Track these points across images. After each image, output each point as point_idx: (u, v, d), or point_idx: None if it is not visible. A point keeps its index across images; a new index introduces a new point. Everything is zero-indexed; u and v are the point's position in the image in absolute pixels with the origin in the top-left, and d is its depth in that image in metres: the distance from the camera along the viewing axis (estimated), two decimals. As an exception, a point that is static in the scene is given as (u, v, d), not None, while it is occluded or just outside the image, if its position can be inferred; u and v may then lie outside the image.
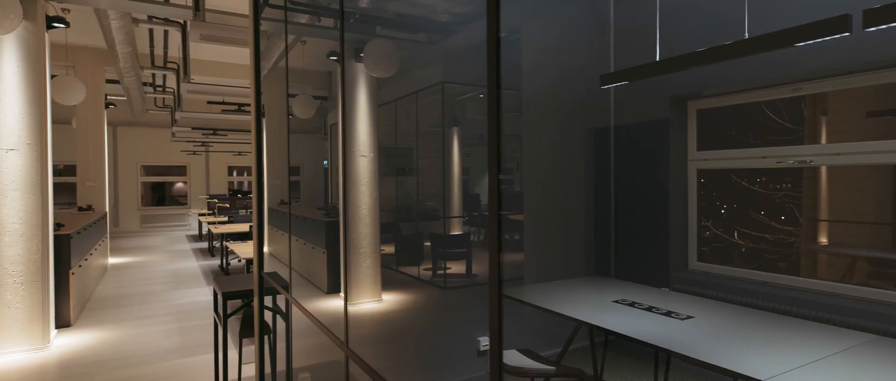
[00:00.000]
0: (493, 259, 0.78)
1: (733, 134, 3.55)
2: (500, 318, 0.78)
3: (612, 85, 2.54)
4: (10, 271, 3.86)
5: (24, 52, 3.89)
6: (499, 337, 0.78)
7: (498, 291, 0.77)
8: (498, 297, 0.77)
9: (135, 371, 3.56)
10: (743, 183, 3.56)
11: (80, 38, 7.30)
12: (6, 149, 3.84)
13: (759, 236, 3.48)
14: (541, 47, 4.46)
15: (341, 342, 1.43)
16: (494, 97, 0.77)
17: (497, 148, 0.77)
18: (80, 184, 7.77)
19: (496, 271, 0.77)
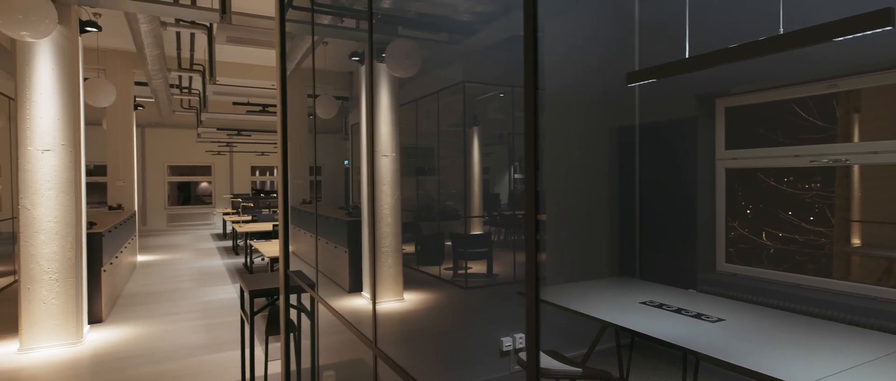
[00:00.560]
0: (531, 263, 0.77)
1: (761, 132, 3.46)
2: (538, 323, 0.77)
3: (640, 83, 2.50)
4: (46, 268, 3.98)
5: (58, 55, 4.01)
6: (536, 342, 0.76)
7: (535, 295, 0.76)
8: (535, 302, 0.76)
9: (164, 367, 3.65)
10: (770, 182, 3.47)
11: (110, 41, 7.50)
12: (42, 150, 3.96)
13: (789, 237, 3.39)
14: (563, 45, 4.41)
15: (370, 341, 1.43)
16: (531, 97, 0.77)
17: (534, 149, 0.76)
18: (111, 183, 7.99)
19: (534, 276, 0.76)
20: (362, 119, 5.58)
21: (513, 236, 8.70)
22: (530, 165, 0.77)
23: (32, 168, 3.93)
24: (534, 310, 0.77)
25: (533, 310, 0.77)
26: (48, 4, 3.56)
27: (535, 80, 0.76)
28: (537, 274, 0.76)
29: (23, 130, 3.92)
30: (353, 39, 5.16)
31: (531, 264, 0.77)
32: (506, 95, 7.27)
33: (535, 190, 0.75)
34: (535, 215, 0.76)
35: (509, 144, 8.57)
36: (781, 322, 2.11)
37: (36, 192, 3.94)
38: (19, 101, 3.93)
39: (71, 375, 3.50)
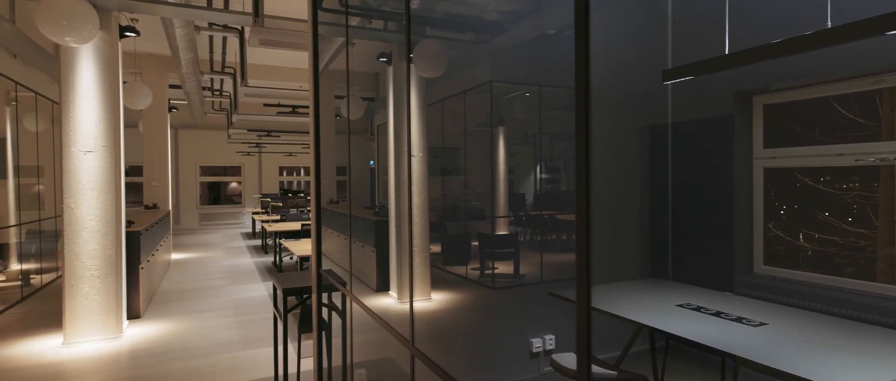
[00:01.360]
0: (582, 271, 0.75)
1: (797, 130, 3.35)
2: (589, 332, 0.75)
3: (676, 80, 2.44)
4: (88, 264, 4.13)
5: (99, 60, 4.15)
6: (587, 353, 0.75)
7: (587, 304, 0.75)
8: (587, 311, 0.74)
9: (199, 362, 3.74)
10: (807, 182, 3.35)
11: (145, 46, 7.74)
12: (84, 151, 4.11)
13: (828, 238, 3.27)
14: (593, 43, 4.35)
15: (407, 341, 1.44)
16: (583, 94, 0.75)
17: (586, 151, 0.75)
18: (146, 183, 8.24)
19: (585, 285, 0.75)
20: (390, 118, 5.62)
21: (539, 237, 8.63)
22: (581, 171, 0.75)
23: (75, 169, 4.08)
24: (585, 319, 0.75)
25: (585, 319, 0.75)
26: (91, 11, 3.70)
27: (587, 81, 0.74)
28: (588, 282, 0.75)
29: (66, 132, 4.07)
30: (382, 40, 5.20)
31: (582, 271, 0.75)
32: (531, 95, 7.21)
33: (587, 196, 0.74)
34: (588, 222, 0.75)
35: (535, 144, 8.50)
36: (827, 327, 2.03)
37: (79, 191, 4.09)
38: (63, 104, 4.08)
39: (111, 369, 3.62)
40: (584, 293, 0.74)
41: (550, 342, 3.46)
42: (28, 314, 5.08)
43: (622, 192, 4.12)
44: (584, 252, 0.74)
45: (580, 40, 0.75)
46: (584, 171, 0.75)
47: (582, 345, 0.76)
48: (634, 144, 4.07)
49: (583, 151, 0.75)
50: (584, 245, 0.75)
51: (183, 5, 4.13)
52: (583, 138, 0.75)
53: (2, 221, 5.35)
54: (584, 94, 0.75)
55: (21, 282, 5.80)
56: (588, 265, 0.74)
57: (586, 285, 0.74)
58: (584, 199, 0.75)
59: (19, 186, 5.90)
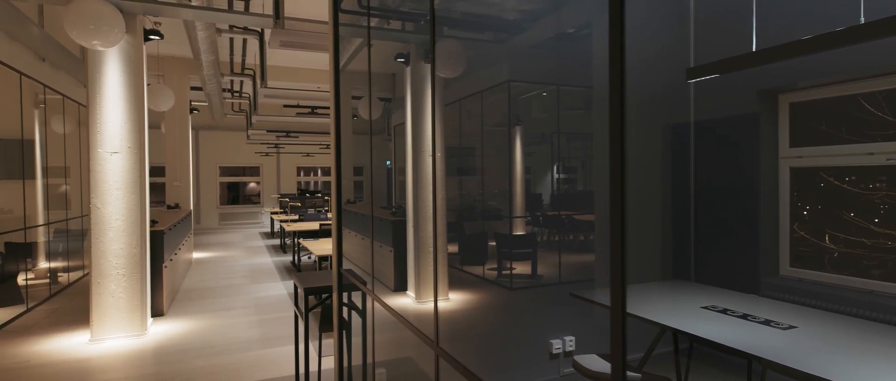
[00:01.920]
0: (616, 277, 0.74)
1: (822, 129, 3.27)
2: (624, 340, 0.74)
3: (701, 79, 2.40)
4: (114, 263, 4.22)
5: (125, 63, 4.24)
6: (622, 359, 0.73)
7: (621, 307, 0.74)
8: (621, 316, 0.73)
9: (222, 359, 3.80)
10: (832, 182, 3.27)
11: (168, 48, 7.89)
12: (110, 152, 4.20)
13: (855, 239, 3.18)
14: (613, 42, 4.30)
15: (432, 341, 1.44)
16: (618, 92, 0.74)
17: (621, 153, 0.74)
18: (169, 184, 8.40)
19: (620, 291, 0.74)
20: (407, 118, 5.63)
21: (557, 237, 8.58)
22: (616, 173, 0.75)
23: (102, 169, 4.18)
24: (620, 323, 0.74)
25: (619, 323, 0.74)
26: (117, 15, 3.78)
27: (621, 79, 0.74)
28: (623, 287, 0.74)
29: (93, 133, 4.17)
30: (403, 41, 5.22)
31: (617, 275, 0.74)
32: (549, 94, 7.17)
33: (622, 199, 0.73)
34: (622, 224, 0.74)
35: (552, 144, 8.45)
36: (859, 330, 1.98)
37: (105, 191, 4.18)
38: (90, 106, 4.18)
39: (137, 365, 3.69)
40: (618, 297, 0.73)
41: (570, 344, 3.43)
42: (56, 311, 5.22)
43: (643, 192, 4.07)
44: (619, 255, 0.73)
45: (614, 41, 0.74)
46: (619, 173, 0.74)
47: (617, 351, 0.75)
48: (656, 143, 4.02)
49: (617, 151, 0.74)
50: (618, 248, 0.74)
51: (205, 8, 4.20)
52: (618, 139, 0.74)
53: (30, 220, 5.49)
54: (619, 95, 0.74)
55: (49, 280, 5.95)
56: (622, 269, 0.73)
57: (621, 288, 0.73)
58: (619, 201, 0.74)
59: (47, 186, 6.05)
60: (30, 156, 5.65)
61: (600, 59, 4.40)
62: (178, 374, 3.51)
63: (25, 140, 5.45)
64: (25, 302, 5.23)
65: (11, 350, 4.02)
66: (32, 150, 5.72)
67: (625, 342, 0.74)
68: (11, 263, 5.11)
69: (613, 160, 0.75)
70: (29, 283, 5.45)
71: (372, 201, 3.73)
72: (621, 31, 0.73)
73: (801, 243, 3.36)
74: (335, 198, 2.84)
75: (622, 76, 0.73)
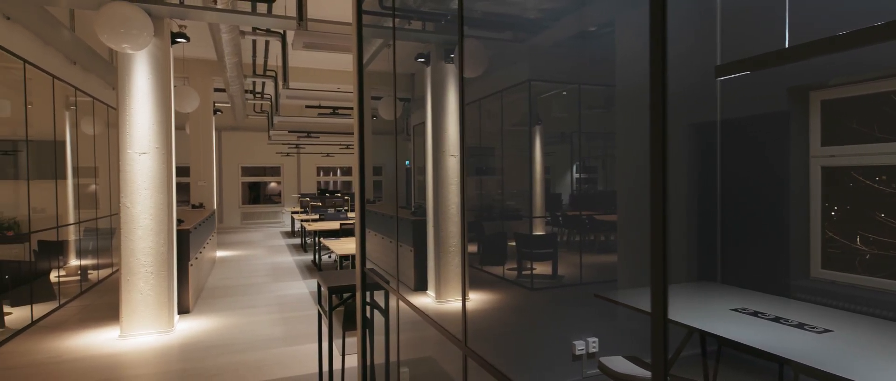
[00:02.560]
0: (658, 284, 0.73)
1: (853, 127, 3.17)
2: (666, 348, 0.72)
3: (731, 76, 2.35)
4: (143, 261, 4.32)
5: (153, 66, 4.34)
6: (664, 368, 0.72)
7: (663, 316, 0.72)
8: (663, 322, 0.72)
9: (247, 356, 3.85)
10: (863, 181, 3.17)
11: (192, 51, 8.04)
12: (139, 152, 4.30)
13: (888, 241, 3.08)
14: (636, 39, 4.25)
15: (459, 341, 1.44)
16: (660, 91, 0.73)
17: (662, 154, 0.73)
18: (193, 184, 8.56)
19: (662, 296, 0.72)
20: (428, 118, 5.64)
21: (577, 237, 8.50)
22: (657, 176, 0.73)
23: (131, 169, 4.28)
24: (661, 331, 0.73)
25: (661, 331, 0.73)
26: (146, 18, 3.86)
27: (663, 77, 0.72)
28: (665, 294, 0.72)
29: (123, 134, 4.27)
30: (426, 41, 5.23)
31: (658, 280, 0.73)
32: (569, 93, 7.11)
33: (663, 205, 0.71)
34: (664, 227, 0.72)
35: (572, 144, 8.37)
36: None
37: (134, 191, 4.28)
38: (120, 108, 4.28)
39: (164, 361, 3.77)
40: (660, 304, 0.72)
41: (594, 345, 3.40)
42: (86, 308, 5.36)
43: (669, 192, 4.00)
44: (661, 260, 0.72)
45: (656, 41, 0.73)
46: (661, 176, 0.73)
47: (658, 359, 0.73)
48: (681, 143, 3.95)
49: (659, 153, 0.73)
50: (660, 252, 0.72)
51: (230, 11, 4.27)
52: (659, 140, 0.73)
53: (62, 219, 5.66)
54: (661, 96, 0.73)
55: (79, 277, 6.12)
56: (664, 273, 0.71)
57: (663, 294, 0.71)
58: (660, 205, 0.73)
59: (78, 186, 6.23)
60: (61, 157, 5.81)
61: (624, 57, 4.35)
62: (205, 370, 3.58)
63: (57, 141, 5.62)
64: (58, 298, 5.39)
65: (45, 345, 4.14)
66: (64, 151, 5.89)
67: (666, 349, 0.72)
68: (44, 260, 5.27)
69: (654, 162, 0.73)
70: (61, 280, 5.61)
71: (397, 202, 3.74)
72: (663, 32, 0.72)
73: (829, 244, 3.27)
74: (359, 198, 2.85)
75: (664, 77, 0.71)
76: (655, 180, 0.73)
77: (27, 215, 4.77)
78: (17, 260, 4.79)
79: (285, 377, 3.49)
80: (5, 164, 4.83)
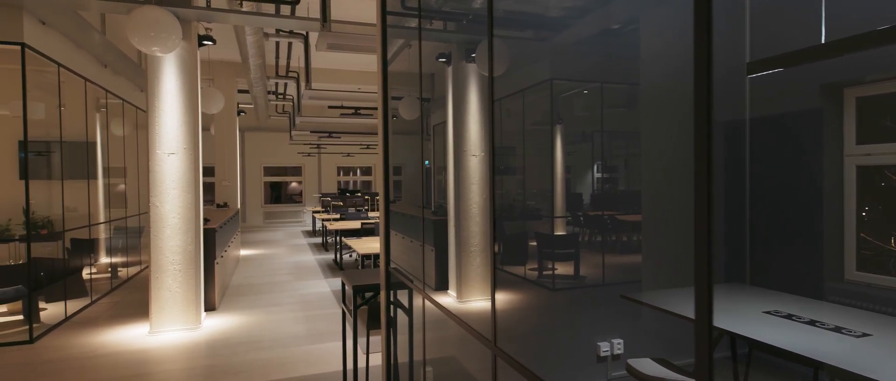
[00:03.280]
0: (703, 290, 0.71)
1: (887, 124, 3.07)
2: (711, 358, 0.71)
3: (763, 73, 2.30)
4: (171, 259, 4.42)
5: (181, 68, 4.43)
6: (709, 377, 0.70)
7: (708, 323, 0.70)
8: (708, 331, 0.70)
9: (271, 354, 3.91)
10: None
11: (217, 53, 8.19)
12: (168, 153, 4.40)
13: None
14: (662, 37, 4.18)
15: (489, 341, 1.43)
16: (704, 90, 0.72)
17: (708, 154, 0.71)
18: (218, 183, 8.72)
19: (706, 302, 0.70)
20: (449, 118, 5.65)
21: (599, 237, 8.41)
22: (702, 179, 0.72)
23: (160, 169, 4.38)
24: (706, 339, 0.71)
25: (705, 340, 0.71)
26: (175, 22, 3.95)
27: (708, 76, 0.71)
28: (710, 299, 0.70)
29: (152, 135, 4.37)
30: (452, 41, 5.24)
31: (703, 289, 0.71)
32: (591, 92, 7.03)
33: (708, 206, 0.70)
34: (710, 235, 0.71)
35: (593, 143, 8.28)
36: (943, 341, 1.84)
37: (163, 191, 4.38)
38: (149, 109, 4.39)
39: (192, 357, 3.85)
40: (704, 309, 0.70)
41: (619, 346, 3.36)
42: (116, 304, 5.51)
43: (692, 191, 3.93)
44: (705, 264, 0.70)
45: (700, 39, 0.72)
46: (705, 176, 0.71)
47: (702, 367, 0.71)
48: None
49: (704, 153, 0.72)
50: (704, 256, 0.71)
51: (255, 13, 4.33)
52: (704, 140, 0.71)
53: (93, 218, 5.82)
54: (706, 95, 0.71)
55: (110, 274, 6.29)
56: (709, 278, 0.70)
57: (708, 299, 0.69)
58: (705, 207, 0.71)
59: (108, 186, 6.40)
60: (92, 157, 5.98)
61: (648, 55, 4.28)
62: (232, 367, 3.64)
63: (89, 142, 5.78)
64: (90, 295, 5.55)
65: (79, 340, 4.27)
66: (95, 151, 6.06)
67: (711, 356, 0.71)
68: (77, 258, 5.43)
69: (699, 162, 0.72)
70: (92, 277, 5.77)
71: (423, 202, 3.76)
72: (708, 30, 0.71)
73: (861, 245, 3.17)
74: (383, 197, 2.87)
75: (709, 75, 0.70)
76: (700, 181, 0.71)
77: (61, 213, 4.92)
78: (51, 258, 4.95)
79: (310, 374, 3.53)
80: (39, 164, 4.99)
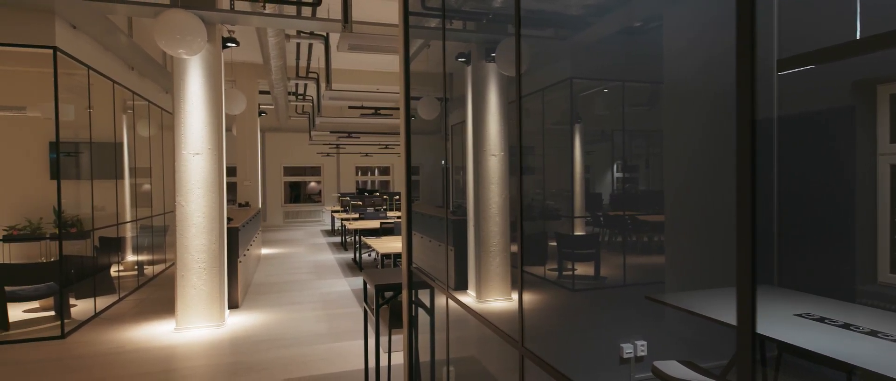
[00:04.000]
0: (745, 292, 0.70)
1: None
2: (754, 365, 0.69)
3: (795, 70, 2.25)
4: (196, 257, 4.50)
5: (205, 70, 4.51)
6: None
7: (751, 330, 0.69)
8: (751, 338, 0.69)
9: (294, 351, 3.96)
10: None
11: (239, 55, 8.32)
12: (193, 153, 4.48)
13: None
14: (685, 33, 4.12)
15: (516, 341, 1.43)
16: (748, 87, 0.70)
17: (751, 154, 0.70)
18: (239, 183, 8.86)
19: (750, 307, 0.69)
20: (468, 117, 5.64)
21: (619, 238, 8.31)
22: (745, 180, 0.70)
23: (185, 169, 4.46)
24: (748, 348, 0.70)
25: (748, 345, 0.70)
26: (200, 25, 4.02)
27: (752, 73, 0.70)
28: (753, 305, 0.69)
29: (178, 136, 4.46)
30: (471, 40, 5.24)
31: (746, 294, 0.70)
32: (610, 91, 6.96)
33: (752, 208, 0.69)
34: (753, 238, 0.69)
35: (613, 142, 8.19)
36: None
37: (188, 190, 4.47)
38: (175, 110, 4.48)
39: (217, 354, 3.92)
40: (747, 315, 0.69)
41: (642, 348, 3.31)
42: (143, 301, 5.63)
43: (717, 191, 3.86)
44: (748, 268, 0.69)
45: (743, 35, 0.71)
46: (748, 177, 0.70)
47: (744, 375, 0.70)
48: (731, 140, 3.80)
49: (747, 153, 0.70)
50: (747, 260, 0.70)
51: (278, 15, 4.39)
52: (747, 139, 0.70)
53: (120, 217, 5.96)
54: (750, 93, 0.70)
55: (136, 272, 6.44)
56: (753, 282, 0.68)
57: (751, 304, 0.68)
58: (748, 208, 0.70)
59: (135, 185, 6.55)
60: (119, 158, 6.12)
61: (671, 52, 4.22)
62: (256, 364, 3.70)
63: (116, 143, 5.92)
64: (118, 292, 5.68)
65: (108, 336, 4.38)
66: (121, 152, 6.21)
67: (754, 364, 0.69)
68: (105, 256, 5.56)
69: (741, 162, 0.71)
70: (120, 274, 5.91)
71: (446, 202, 3.76)
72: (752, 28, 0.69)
73: (895, 246, 3.08)
74: (405, 197, 2.88)
75: (753, 72, 0.69)
76: (743, 181, 0.70)
77: (90, 213, 5.05)
78: (81, 255, 5.08)
79: (332, 372, 3.56)
80: (68, 165, 5.13)
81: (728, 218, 3.58)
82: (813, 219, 3.38)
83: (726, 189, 3.82)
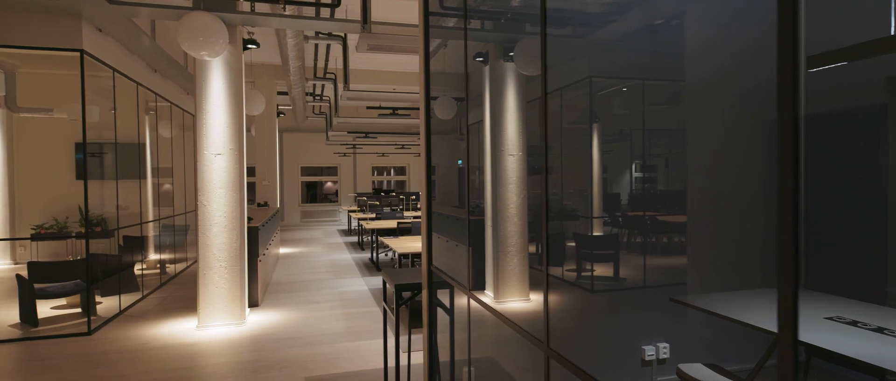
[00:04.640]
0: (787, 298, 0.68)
1: None
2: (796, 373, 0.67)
3: (827, 67, 2.19)
4: (218, 256, 4.56)
5: (227, 71, 4.57)
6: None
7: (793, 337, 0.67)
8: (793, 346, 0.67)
9: (314, 350, 3.99)
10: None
11: (258, 56, 8.42)
12: (214, 153, 4.55)
13: None
14: (708, 31, 4.04)
15: (541, 342, 1.42)
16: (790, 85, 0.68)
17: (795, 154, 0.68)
18: (258, 183, 8.96)
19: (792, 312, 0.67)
20: (486, 117, 5.63)
21: (639, 238, 8.21)
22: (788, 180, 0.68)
23: (207, 169, 4.53)
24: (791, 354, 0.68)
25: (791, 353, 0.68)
26: (222, 27, 4.08)
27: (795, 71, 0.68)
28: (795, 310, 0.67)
29: (200, 136, 4.53)
30: (492, 40, 5.24)
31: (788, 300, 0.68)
32: (630, 89, 6.88)
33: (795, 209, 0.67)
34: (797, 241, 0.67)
35: (631, 142, 8.09)
36: None
37: (210, 190, 4.53)
38: (197, 111, 4.54)
39: (238, 351, 3.97)
40: (789, 320, 0.67)
41: (664, 351, 3.27)
42: (165, 299, 5.73)
43: (741, 191, 3.79)
44: (791, 274, 0.67)
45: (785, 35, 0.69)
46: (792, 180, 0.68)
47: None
48: (756, 140, 3.73)
49: (790, 153, 0.68)
50: (790, 265, 0.68)
51: (297, 17, 4.43)
52: (790, 139, 0.68)
53: (143, 216, 6.08)
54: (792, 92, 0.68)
55: (159, 270, 6.56)
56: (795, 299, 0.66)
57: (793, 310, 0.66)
58: (791, 209, 0.68)
59: (157, 185, 6.67)
60: (142, 158, 6.24)
61: (695, 49, 4.15)
62: (276, 361, 3.74)
63: (140, 144, 6.04)
64: (141, 290, 5.80)
65: (133, 333, 4.46)
66: (144, 153, 6.33)
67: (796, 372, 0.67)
68: (128, 254, 5.68)
69: (784, 163, 0.69)
70: (143, 272, 6.03)
71: (467, 202, 3.76)
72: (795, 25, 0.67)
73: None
74: (425, 197, 2.88)
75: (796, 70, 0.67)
76: (785, 182, 0.68)
77: (115, 212, 5.15)
78: (106, 254, 5.19)
79: (351, 371, 3.58)
80: (93, 165, 5.24)
81: (753, 219, 3.53)
82: (842, 220, 3.29)
83: (751, 189, 3.75)
